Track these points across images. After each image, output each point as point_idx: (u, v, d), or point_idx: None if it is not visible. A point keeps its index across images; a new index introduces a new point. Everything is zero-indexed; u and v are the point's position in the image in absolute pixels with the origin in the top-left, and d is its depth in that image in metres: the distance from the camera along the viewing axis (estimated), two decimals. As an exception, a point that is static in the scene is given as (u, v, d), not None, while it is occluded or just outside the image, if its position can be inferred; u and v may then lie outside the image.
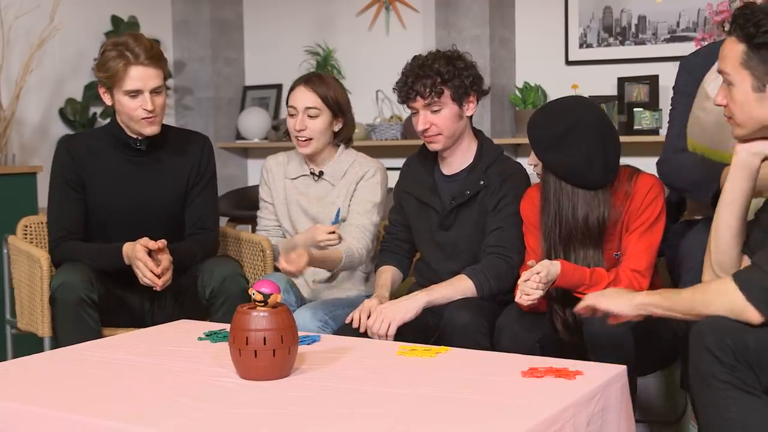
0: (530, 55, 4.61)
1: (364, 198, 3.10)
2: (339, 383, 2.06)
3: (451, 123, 2.86)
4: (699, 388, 1.98)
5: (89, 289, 2.90)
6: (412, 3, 4.87)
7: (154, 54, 2.97)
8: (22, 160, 4.29)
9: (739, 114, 2.09)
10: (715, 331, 1.94)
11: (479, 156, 2.92)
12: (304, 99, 3.08)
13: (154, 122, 3.02)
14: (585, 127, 2.58)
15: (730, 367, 1.91)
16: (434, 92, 2.82)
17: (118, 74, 2.93)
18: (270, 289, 2.12)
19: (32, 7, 4.21)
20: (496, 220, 2.83)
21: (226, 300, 2.92)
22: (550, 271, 2.50)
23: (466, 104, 2.87)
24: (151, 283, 2.92)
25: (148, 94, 2.96)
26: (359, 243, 3.04)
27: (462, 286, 2.74)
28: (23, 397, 2.01)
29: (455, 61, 2.86)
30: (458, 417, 1.81)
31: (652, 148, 4.00)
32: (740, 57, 2.03)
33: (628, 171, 2.68)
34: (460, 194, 2.88)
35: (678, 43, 4.26)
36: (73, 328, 2.87)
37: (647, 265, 2.60)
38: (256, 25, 5.37)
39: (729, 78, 2.07)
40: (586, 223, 2.60)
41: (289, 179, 3.22)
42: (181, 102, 5.26)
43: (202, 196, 3.19)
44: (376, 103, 4.94)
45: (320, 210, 3.14)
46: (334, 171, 3.15)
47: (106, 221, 3.13)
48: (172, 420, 1.82)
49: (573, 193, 2.60)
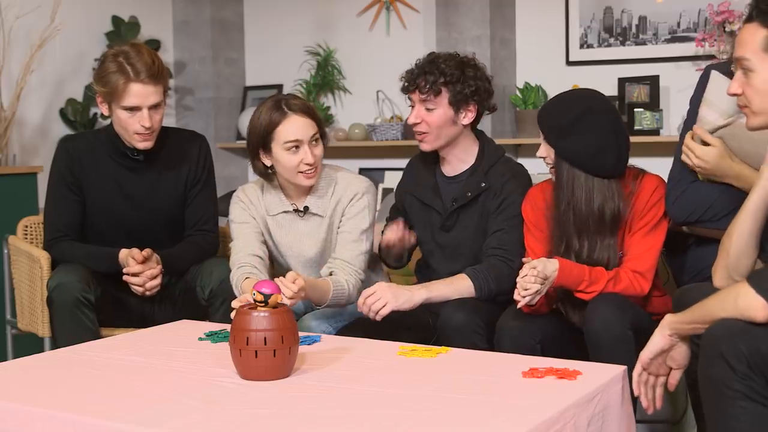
0: (531, 55, 4.61)
1: (352, 227, 2.89)
2: (339, 383, 2.06)
3: (441, 125, 2.83)
4: (709, 394, 1.95)
5: (86, 290, 2.91)
6: (413, 3, 4.87)
7: (155, 71, 2.93)
8: (22, 161, 4.29)
9: (757, 101, 2.05)
10: (730, 338, 1.89)
11: (480, 157, 2.90)
12: (306, 127, 2.82)
13: (148, 139, 3.00)
14: (597, 113, 2.59)
15: (742, 375, 1.87)
16: (432, 90, 2.79)
17: (117, 90, 2.90)
18: (270, 290, 2.12)
19: (33, 8, 4.21)
20: (497, 222, 2.82)
21: (225, 301, 2.91)
22: (547, 267, 2.49)
23: (463, 112, 2.83)
24: (138, 292, 2.97)
25: (146, 111, 2.93)
26: (350, 278, 2.82)
27: (461, 285, 2.74)
28: (23, 397, 2.01)
29: (466, 67, 2.83)
30: (459, 417, 1.81)
31: (652, 148, 4.00)
32: (763, 42, 1.99)
33: (634, 171, 2.68)
34: (462, 196, 2.87)
35: (679, 43, 4.26)
36: (70, 329, 2.88)
37: (649, 266, 2.59)
38: (256, 25, 5.37)
39: (748, 64, 2.04)
40: (601, 212, 2.59)
41: (270, 216, 2.97)
42: (182, 102, 5.26)
43: (200, 196, 3.19)
44: (377, 104, 4.94)
45: (317, 250, 2.94)
46: (320, 199, 2.92)
47: (104, 224, 3.13)
48: (172, 420, 1.82)
49: (587, 181, 2.59)
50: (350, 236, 2.88)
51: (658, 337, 2.11)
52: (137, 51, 2.94)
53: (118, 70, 2.90)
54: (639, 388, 2.16)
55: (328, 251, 2.95)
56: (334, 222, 2.93)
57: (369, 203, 2.92)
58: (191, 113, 5.22)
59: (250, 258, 2.86)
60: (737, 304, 1.92)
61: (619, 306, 2.47)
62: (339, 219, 2.92)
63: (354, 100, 5.07)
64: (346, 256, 2.86)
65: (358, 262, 2.86)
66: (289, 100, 2.85)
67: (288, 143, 2.80)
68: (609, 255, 2.61)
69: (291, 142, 2.79)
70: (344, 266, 2.84)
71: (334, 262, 2.86)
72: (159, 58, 3.02)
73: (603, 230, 2.61)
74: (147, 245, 3.02)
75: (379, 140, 4.77)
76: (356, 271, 2.85)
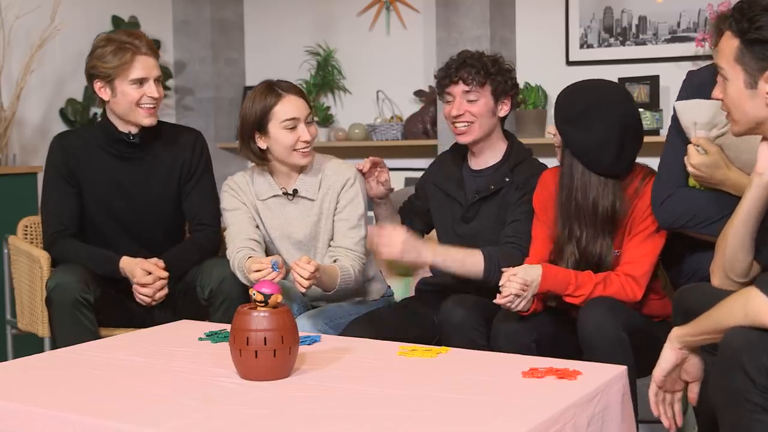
0: (531, 55, 4.61)
1: (349, 213, 2.96)
2: (339, 383, 2.06)
3: (485, 114, 2.89)
4: (725, 406, 1.90)
5: (85, 290, 2.91)
6: (413, 3, 4.87)
7: (152, 45, 3.07)
8: (22, 161, 4.29)
9: (733, 110, 2.06)
10: (751, 349, 1.84)
11: (508, 155, 2.96)
12: (301, 106, 2.92)
13: (153, 113, 3.08)
14: (606, 110, 2.57)
15: (763, 388, 1.83)
16: (477, 81, 2.87)
17: (124, 64, 2.99)
18: (270, 290, 2.12)
19: (33, 8, 4.21)
20: (515, 213, 2.86)
21: (225, 300, 2.92)
22: (528, 273, 2.50)
23: (501, 104, 2.93)
24: (145, 302, 3.00)
25: (153, 82, 3.03)
26: (354, 263, 2.91)
27: (471, 262, 2.74)
28: (23, 397, 2.01)
29: (500, 62, 2.95)
30: (459, 417, 1.81)
31: (652, 148, 3.99)
32: (734, 52, 2.00)
33: (644, 170, 2.67)
34: (485, 188, 2.92)
35: (679, 43, 4.26)
36: (69, 329, 2.88)
37: (644, 272, 2.56)
38: (256, 25, 5.37)
39: (723, 73, 2.05)
40: (595, 207, 2.59)
41: (260, 200, 3.01)
42: (182, 102, 5.26)
43: (198, 189, 3.20)
44: (377, 104, 4.93)
45: (306, 233, 2.99)
46: (307, 183, 2.98)
47: (100, 216, 3.15)
48: (172, 420, 1.82)
49: (583, 174, 2.61)
50: (348, 223, 2.95)
51: (668, 353, 2.08)
52: (129, 33, 3.11)
53: (119, 48, 3.00)
54: (657, 408, 2.13)
55: (317, 234, 2.99)
56: (324, 205, 2.97)
57: (361, 188, 3.00)
58: (191, 113, 5.22)
59: (246, 242, 2.91)
60: (747, 310, 1.88)
61: (611, 308, 2.46)
62: (331, 204, 2.97)
63: (354, 100, 5.07)
64: (347, 243, 2.94)
65: (359, 247, 2.95)
66: (280, 83, 2.94)
67: (286, 121, 2.87)
68: (602, 251, 2.61)
69: (289, 120, 2.87)
70: (347, 253, 2.92)
71: (336, 249, 2.94)
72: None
73: (596, 225, 2.61)
74: (143, 239, 3.08)
75: (379, 140, 4.77)
76: (358, 256, 2.93)
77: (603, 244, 2.61)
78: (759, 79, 1.96)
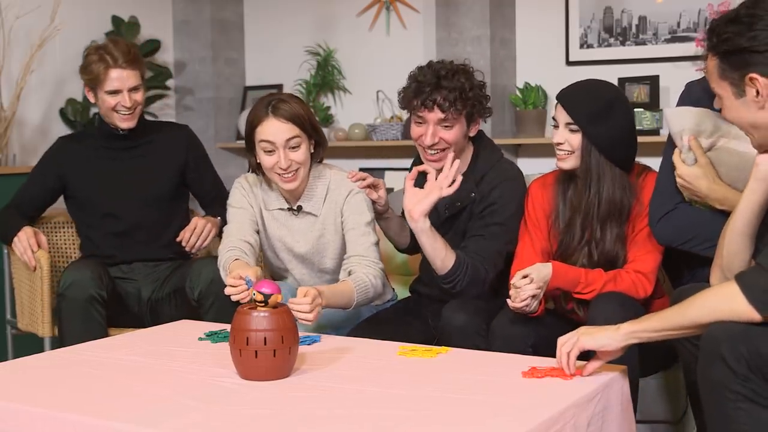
0: (531, 55, 4.61)
1: (355, 222, 2.87)
2: (339, 383, 2.06)
3: (460, 140, 2.80)
4: (708, 396, 1.94)
5: (99, 285, 3.02)
6: (413, 3, 4.87)
7: (131, 57, 3.24)
8: (22, 161, 4.29)
9: (739, 125, 2.08)
10: (730, 339, 1.88)
11: (473, 164, 2.88)
12: (282, 131, 2.78)
13: (129, 119, 3.27)
14: (620, 103, 2.65)
15: (743, 377, 1.86)
16: (455, 107, 2.73)
17: (99, 76, 3.20)
18: (270, 290, 2.12)
19: (33, 8, 4.21)
20: (477, 227, 2.80)
21: (215, 301, 2.93)
22: (541, 272, 2.49)
23: (473, 125, 2.84)
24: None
25: (126, 93, 3.22)
26: (369, 270, 2.78)
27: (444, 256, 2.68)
28: (23, 397, 2.01)
29: (472, 77, 2.80)
30: (459, 417, 1.81)
31: (652, 148, 4.00)
32: (717, 70, 2.03)
33: (639, 166, 2.69)
34: (452, 206, 2.85)
35: (679, 43, 4.26)
36: (81, 326, 2.96)
37: (652, 268, 2.57)
38: (256, 25, 5.37)
39: (717, 93, 2.08)
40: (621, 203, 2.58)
41: (267, 210, 2.97)
42: (182, 102, 5.26)
43: (207, 174, 3.45)
44: (377, 104, 4.93)
45: (308, 248, 2.94)
46: (312, 199, 2.92)
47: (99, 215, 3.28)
48: (172, 420, 1.82)
49: (612, 169, 2.59)
50: (357, 231, 2.86)
51: (607, 341, 2.07)
52: (114, 42, 3.30)
53: (99, 59, 3.21)
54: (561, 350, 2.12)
55: (322, 249, 2.94)
56: (327, 221, 2.91)
57: (364, 198, 2.91)
58: (191, 113, 5.22)
59: (240, 243, 2.84)
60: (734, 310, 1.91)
61: (622, 304, 2.45)
62: (336, 218, 2.91)
63: (354, 100, 5.07)
64: (359, 251, 2.83)
65: (371, 253, 2.84)
66: (278, 102, 2.81)
67: (262, 143, 2.80)
68: (619, 249, 2.61)
69: (266, 142, 2.79)
70: (360, 261, 2.81)
71: (349, 260, 2.83)
72: (135, 47, 3.39)
73: (620, 222, 2.60)
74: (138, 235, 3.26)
75: (379, 140, 4.76)
76: (373, 261, 2.81)
77: (619, 242, 2.61)
78: (743, 86, 1.99)
